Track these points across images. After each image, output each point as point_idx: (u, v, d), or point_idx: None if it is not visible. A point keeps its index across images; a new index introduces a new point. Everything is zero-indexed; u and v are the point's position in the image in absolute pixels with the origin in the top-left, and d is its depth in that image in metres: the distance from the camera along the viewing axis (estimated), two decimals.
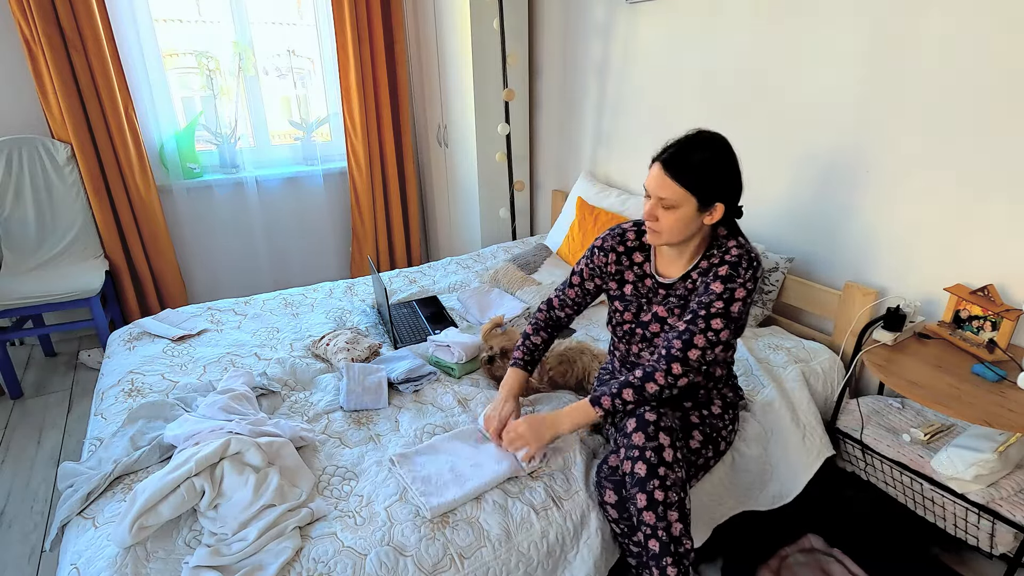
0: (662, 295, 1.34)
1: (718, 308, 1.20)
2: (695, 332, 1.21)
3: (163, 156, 2.91)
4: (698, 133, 1.21)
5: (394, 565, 1.10)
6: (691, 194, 1.17)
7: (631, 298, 1.39)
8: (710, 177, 1.17)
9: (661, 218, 1.21)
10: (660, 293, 1.34)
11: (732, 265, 1.21)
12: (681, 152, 1.18)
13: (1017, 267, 1.46)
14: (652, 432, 1.17)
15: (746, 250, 1.23)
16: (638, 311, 1.38)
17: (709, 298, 1.21)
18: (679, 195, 1.18)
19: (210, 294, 3.23)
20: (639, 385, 1.22)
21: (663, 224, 1.22)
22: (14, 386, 2.46)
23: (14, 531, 1.79)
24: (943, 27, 1.47)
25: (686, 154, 1.17)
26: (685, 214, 1.19)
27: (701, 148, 1.18)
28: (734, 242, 1.25)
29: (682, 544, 1.16)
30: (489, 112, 2.84)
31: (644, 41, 2.33)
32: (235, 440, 1.23)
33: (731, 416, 1.41)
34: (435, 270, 2.54)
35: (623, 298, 1.40)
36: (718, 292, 1.20)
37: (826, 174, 1.82)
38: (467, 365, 1.71)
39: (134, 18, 2.65)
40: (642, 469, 1.16)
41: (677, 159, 1.17)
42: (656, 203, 1.21)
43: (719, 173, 1.19)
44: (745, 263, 1.21)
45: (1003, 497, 1.29)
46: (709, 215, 1.21)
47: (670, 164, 1.18)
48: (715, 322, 1.20)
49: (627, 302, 1.39)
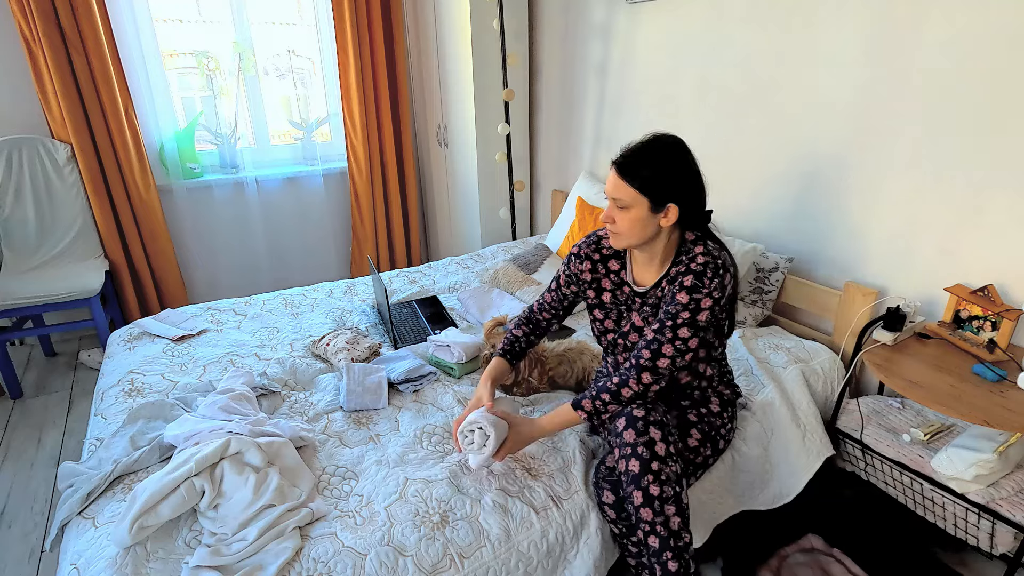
0: (638, 303, 1.36)
1: (684, 318, 1.21)
2: (663, 342, 1.23)
3: (163, 156, 2.91)
4: (653, 137, 1.23)
5: (394, 565, 1.10)
6: (642, 195, 1.20)
7: (610, 306, 1.40)
8: (661, 178, 1.20)
9: (618, 219, 1.25)
10: (636, 301, 1.36)
11: (697, 275, 1.22)
12: (634, 155, 1.21)
13: (1017, 267, 1.46)
14: (642, 428, 1.18)
15: (712, 257, 1.23)
16: (618, 319, 1.39)
17: (675, 308, 1.22)
18: (631, 196, 1.21)
19: (210, 294, 3.23)
20: (615, 391, 1.26)
21: (620, 226, 1.25)
22: (14, 386, 2.46)
23: (14, 531, 1.79)
24: (943, 27, 1.47)
25: (639, 157, 1.21)
26: (638, 215, 1.22)
27: (653, 151, 1.21)
28: (701, 248, 1.25)
29: (681, 538, 1.16)
30: (489, 112, 2.84)
31: (644, 41, 2.33)
32: (235, 440, 1.23)
33: (730, 414, 1.41)
34: (435, 270, 2.54)
35: (602, 306, 1.41)
36: (683, 303, 1.21)
37: (826, 174, 1.82)
38: (467, 365, 1.71)
39: (134, 18, 2.65)
40: (635, 466, 1.16)
41: (630, 162, 1.21)
42: (612, 205, 1.25)
43: (670, 174, 1.21)
44: (711, 272, 1.21)
45: (1003, 497, 1.29)
46: (664, 216, 1.23)
47: (623, 166, 1.21)
48: (682, 331, 1.21)
49: (607, 310, 1.40)
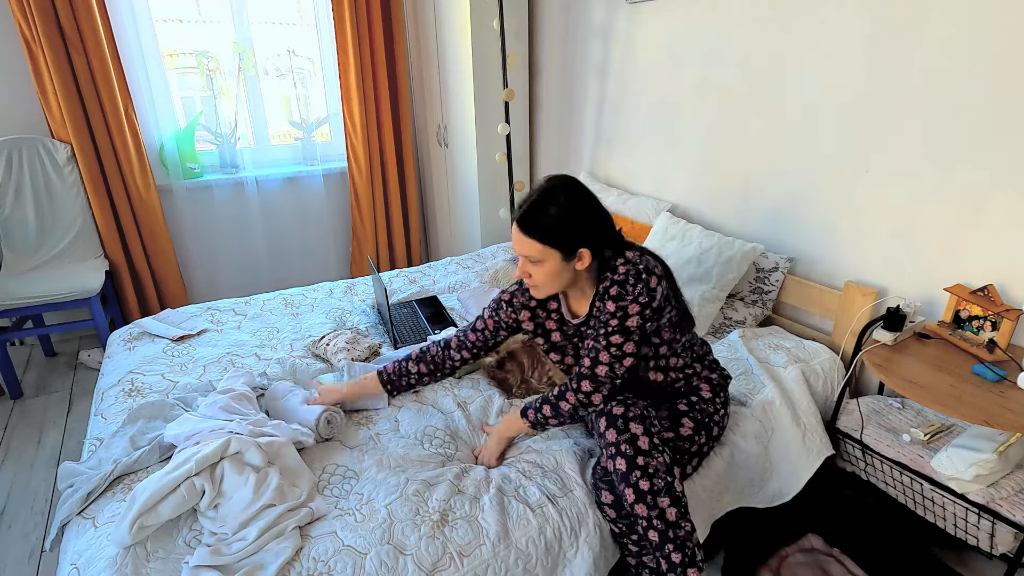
0: (581, 333, 1.37)
1: (613, 326, 1.23)
2: (599, 349, 1.24)
3: (163, 156, 2.91)
4: (547, 186, 1.22)
5: (394, 564, 1.10)
6: (552, 248, 1.20)
7: (562, 343, 1.41)
8: (565, 229, 1.20)
9: (534, 274, 1.25)
10: (580, 331, 1.37)
11: (620, 284, 1.22)
12: (532, 210, 1.20)
13: (1017, 267, 1.46)
14: (622, 425, 1.19)
15: (632, 264, 1.22)
16: (575, 353, 1.41)
17: (605, 317, 1.24)
18: (540, 251, 1.21)
19: (210, 294, 3.23)
20: (554, 403, 1.29)
21: (537, 279, 1.26)
22: (14, 386, 2.46)
23: (14, 531, 1.79)
24: (943, 27, 1.47)
25: (538, 211, 1.20)
26: (552, 267, 1.23)
27: (550, 202, 1.20)
28: (621, 259, 1.24)
29: (680, 527, 1.16)
30: (489, 112, 2.84)
31: (644, 41, 2.33)
32: (235, 440, 1.23)
33: (722, 399, 1.41)
34: (435, 270, 2.54)
35: (556, 347, 1.42)
36: (611, 311, 1.23)
37: (826, 173, 1.82)
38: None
39: (134, 18, 2.65)
40: (622, 464, 1.17)
41: (530, 217, 1.20)
42: (525, 261, 1.25)
43: (574, 222, 1.20)
44: (632, 279, 1.21)
45: (1003, 497, 1.29)
46: (579, 261, 1.23)
47: (525, 223, 1.20)
48: (614, 338, 1.23)
49: (561, 348, 1.42)
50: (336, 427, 1.44)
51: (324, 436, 1.42)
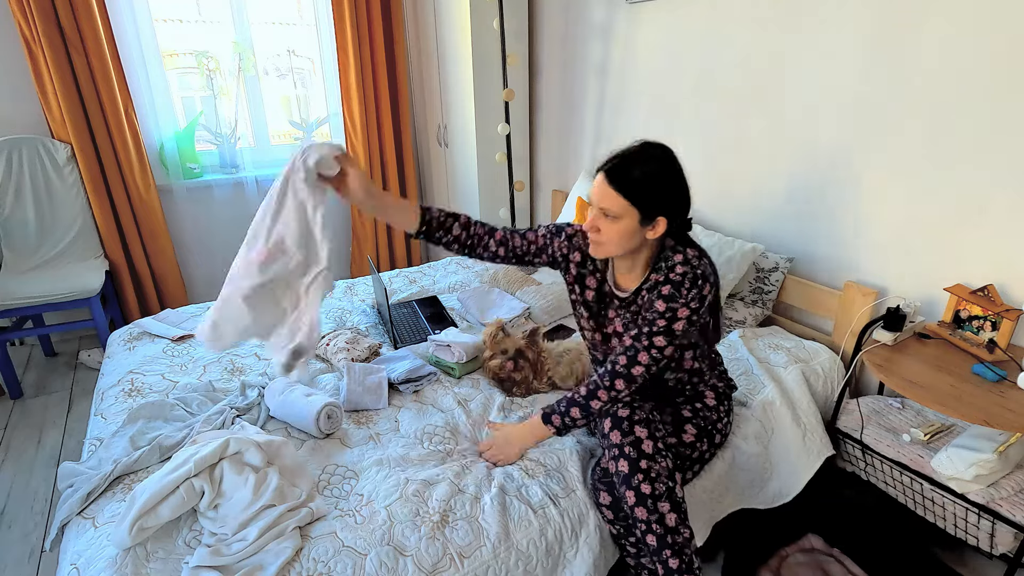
0: (617, 305, 1.35)
1: (660, 326, 1.21)
2: (639, 350, 1.22)
3: (163, 156, 2.91)
4: (643, 145, 1.19)
5: (394, 565, 1.10)
6: (633, 206, 1.15)
7: (593, 304, 1.39)
8: (653, 190, 1.16)
9: (603, 229, 1.20)
10: (616, 302, 1.35)
11: (675, 284, 1.19)
12: (625, 164, 1.16)
13: (1017, 267, 1.46)
14: (627, 428, 1.18)
15: (692, 267, 1.20)
16: (601, 319, 1.39)
17: (652, 316, 1.22)
18: (621, 206, 1.16)
19: (210, 294, 3.23)
20: (584, 403, 1.26)
21: (605, 235, 1.20)
22: (14, 386, 2.46)
23: (14, 531, 1.79)
24: (943, 27, 1.47)
25: (630, 166, 1.16)
26: (627, 226, 1.18)
27: (646, 161, 1.16)
28: (680, 257, 1.22)
29: (679, 534, 1.16)
30: (489, 112, 2.84)
31: (644, 41, 2.33)
32: (234, 440, 1.23)
33: (725, 408, 1.41)
34: (435, 270, 2.54)
35: (587, 304, 1.40)
36: (660, 311, 1.21)
37: (826, 173, 1.82)
38: (467, 365, 1.71)
39: (134, 18, 2.65)
40: (624, 466, 1.16)
41: (621, 170, 1.15)
42: (599, 213, 1.19)
43: (663, 187, 1.17)
44: (688, 282, 1.19)
45: (1003, 497, 1.29)
46: (652, 229, 1.19)
47: (614, 175, 1.16)
48: (658, 339, 1.21)
49: (590, 308, 1.40)
50: (336, 422, 1.44)
51: (324, 431, 1.42)
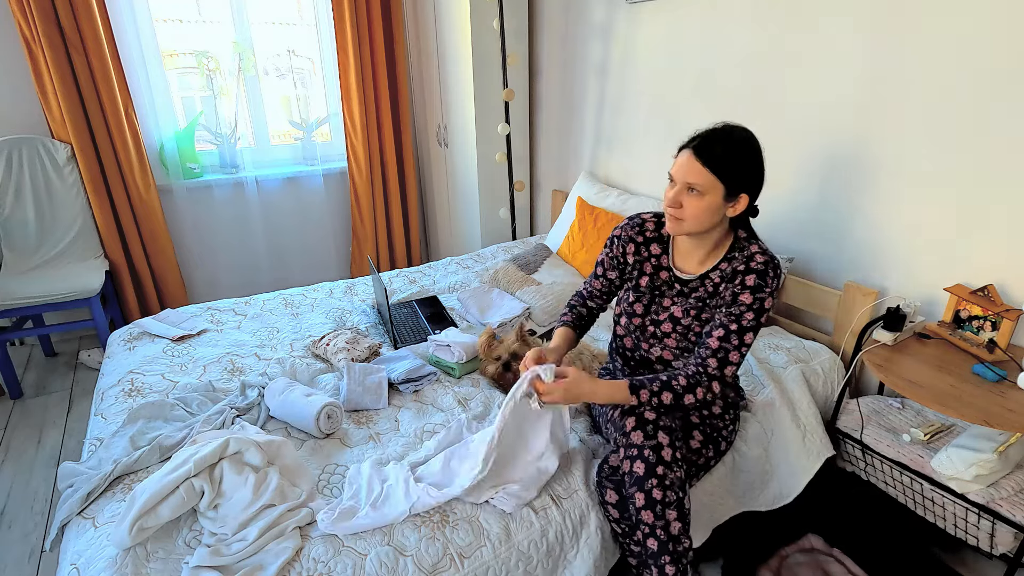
0: (677, 289, 1.33)
1: (749, 320, 1.20)
2: (730, 350, 1.20)
3: (163, 156, 2.91)
4: (728, 125, 1.21)
5: (394, 565, 1.10)
6: (720, 181, 1.17)
7: (644, 291, 1.37)
8: (738, 166, 1.18)
9: (686, 205, 1.20)
10: (676, 288, 1.33)
11: (760, 274, 1.20)
12: (712, 139, 1.18)
13: (1017, 267, 1.46)
14: (651, 431, 1.17)
15: (770, 257, 1.23)
16: (649, 305, 1.37)
17: (740, 310, 1.20)
18: (708, 181, 1.17)
19: (210, 294, 3.23)
20: (679, 394, 1.21)
21: (687, 211, 1.20)
22: (14, 386, 2.46)
23: (14, 531, 1.79)
24: (944, 27, 1.47)
25: (717, 142, 1.18)
26: (712, 202, 1.19)
27: (731, 137, 1.19)
28: (757, 248, 1.24)
29: (680, 543, 1.16)
30: (489, 112, 2.84)
31: (644, 41, 2.33)
32: (234, 440, 1.23)
33: (732, 416, 1.41)
34: (435, 270, 2.54)
35: (637, 289, 1.38)
36: (748, 303, 1.20)
37: (826, 174, 1.82)
38: (467, 365, 1.71)
39: (134, 18, 2.65)
40: (640, 468, 1.16)
41: (708, 146, 1.18)
42: (682, 189, 1.20)
43: (747, 163, 1.19)
44: (772, 272, 1.21)
45: (1003, 497, 1.29)
46: (733, 206, 1.21)
47: (701, 150, 1.18)
48: (747, 336, 1.21)
49: (640, 294, 1.38)
50: (336, 422, 1.44)
51: (324, 431, 1.42)
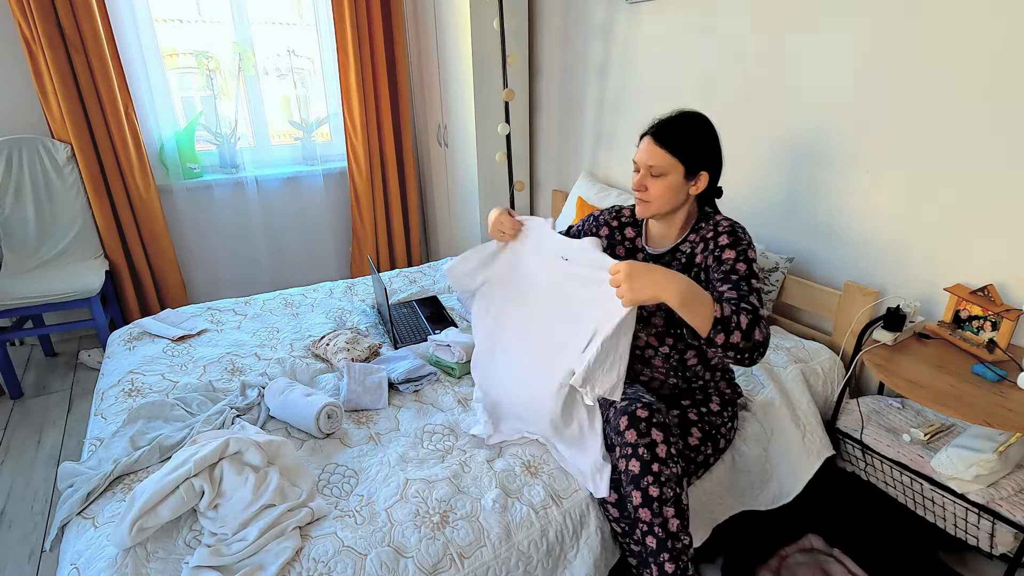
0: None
1: (743, 269, 1.23)
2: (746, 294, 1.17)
3: (163, 156, 2.91)
4: (682, 111, 1.32)
5: (394, 565, 1.10)
6: (679, 161, 1.26)
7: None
8: (695, 146, 1.27)
9: (650, 187, 1.29)
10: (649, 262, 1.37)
11: (729, 233, 1.27)
12: (668, 124, 1.29)
13: (1017, 267, 1.46)
14: (644, 429, 1.18)
15: (734, 221, 1.30)
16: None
17: (729, 264, 1.23)
18: (668, 162, 1.26)
19: (210, 294, 3.23)
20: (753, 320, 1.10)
21: (652, 193, 1.29)
22: (14, 386, 2.46)
23: (14, 531, 1.79)
24: (943, 27, 1.47)
25: (673, 126, 1.28)
26: (673, 181, 1.27)
27: (686, 121, 1.29)
28: (721, 216, 1.32)
29: (679, 540, 1.16)
30: (489, 112, 2.84)
31: (644, 41, 2.33)
32: (234, 440, 1.23)
33: (730, 413, 1.41)
34: (435, 270, 2.54)
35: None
36: (734, 257, 1.24)
37: (826, 174, 1.82)
38: (467, 365, 1.71)
39: (134, 18, 2.65)
40: (635, 466, 1.16)
41: (665, 130, 1.28)
42: (646, 173, 1.29)
43: (703, 142, 1.29)
44: (740, 229, 1.28)
45: (1003, 497, 1.29)
46: (695, 184, 1.29)
47: (660, 135, 1.28)
48: (753, 282, 1.22)
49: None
50: (336, 422, 1.44)
51: (324, 431, 1.42)
